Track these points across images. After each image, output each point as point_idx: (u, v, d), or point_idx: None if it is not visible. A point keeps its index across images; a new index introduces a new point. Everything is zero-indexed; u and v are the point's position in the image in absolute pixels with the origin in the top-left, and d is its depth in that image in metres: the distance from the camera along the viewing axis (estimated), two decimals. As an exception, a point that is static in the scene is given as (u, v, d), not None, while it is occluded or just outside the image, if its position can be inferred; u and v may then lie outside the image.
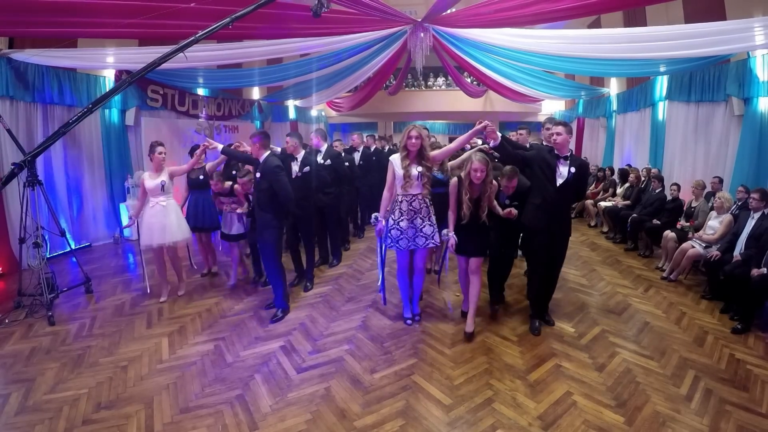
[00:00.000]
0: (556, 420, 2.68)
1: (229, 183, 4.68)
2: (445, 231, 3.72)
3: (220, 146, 4.26)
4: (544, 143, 4.14)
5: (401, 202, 3.72)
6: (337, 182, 5.47)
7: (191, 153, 5.10)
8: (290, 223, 4.77)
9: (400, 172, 3.64)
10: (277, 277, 4.13)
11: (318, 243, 5.49)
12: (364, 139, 7.31)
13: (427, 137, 3.94)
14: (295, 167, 4.64)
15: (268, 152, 3.99)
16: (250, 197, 4.55)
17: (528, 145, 4.33)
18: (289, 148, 4.69)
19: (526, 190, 3.87)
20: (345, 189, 5.95)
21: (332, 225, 5.61)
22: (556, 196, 3.62)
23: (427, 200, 3.75)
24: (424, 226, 3.72)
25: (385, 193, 3.77)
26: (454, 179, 3.67)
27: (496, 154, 4.04)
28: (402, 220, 3.71)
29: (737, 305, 4.06)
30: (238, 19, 3.80)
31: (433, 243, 3.78)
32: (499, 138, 3.59)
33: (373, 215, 3.82)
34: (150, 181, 4.33)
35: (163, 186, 4.32)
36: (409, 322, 4.00)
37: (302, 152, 4.70)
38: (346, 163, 5.83)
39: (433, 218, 3.78)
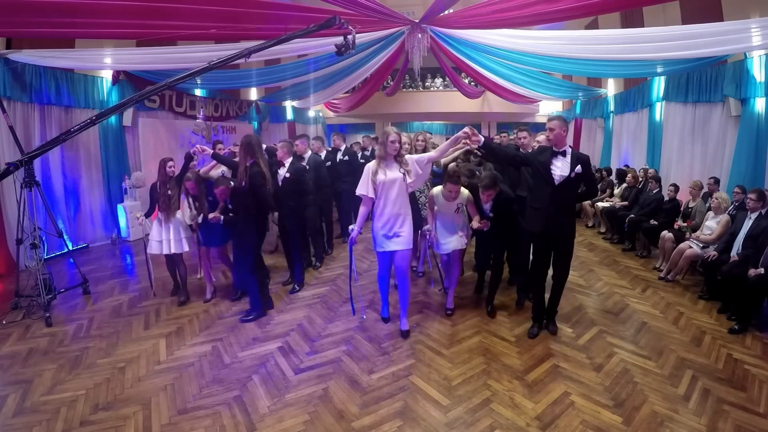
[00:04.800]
0: (554, 420, 2.69)
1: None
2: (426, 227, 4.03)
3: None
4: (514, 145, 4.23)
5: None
6: (352, 173, 6.45)
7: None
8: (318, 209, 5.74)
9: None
10: (301, 252, 5.12)
11: (339, 221, 6.97)
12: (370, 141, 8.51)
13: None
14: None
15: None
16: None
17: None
18: (314, 148, 5.80)
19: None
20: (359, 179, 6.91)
21: (348, 207, 6.75)
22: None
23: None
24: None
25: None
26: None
27: (478, 153, 4.59)
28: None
29: (734, 305, 4.07)
30: (255, 52, 3.75)
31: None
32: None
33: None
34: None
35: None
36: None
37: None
38: (362, 160, 7.13)
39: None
